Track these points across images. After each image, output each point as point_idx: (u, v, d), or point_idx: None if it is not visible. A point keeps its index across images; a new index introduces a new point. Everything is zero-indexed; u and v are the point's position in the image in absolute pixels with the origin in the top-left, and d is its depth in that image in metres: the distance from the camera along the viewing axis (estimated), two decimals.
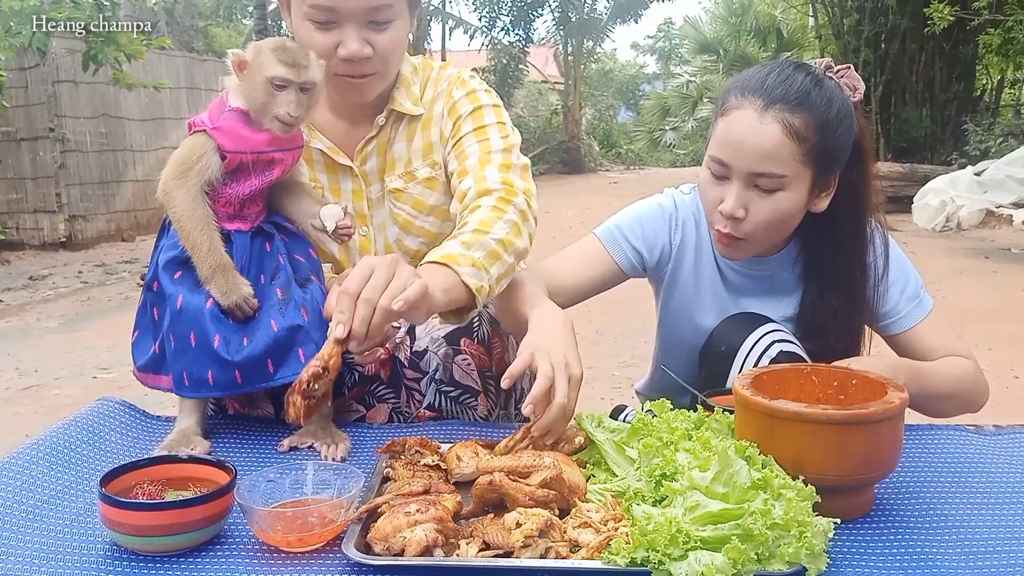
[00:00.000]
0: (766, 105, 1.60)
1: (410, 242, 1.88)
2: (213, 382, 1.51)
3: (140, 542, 1.17)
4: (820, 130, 1.60)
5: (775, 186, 1.62)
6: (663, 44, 31.16)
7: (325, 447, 1.55)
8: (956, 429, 1.65)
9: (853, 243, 1.77)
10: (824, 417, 1.22)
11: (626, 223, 1.88)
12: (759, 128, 1.59)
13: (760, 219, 1.65)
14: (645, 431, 1.39)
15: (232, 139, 1.56)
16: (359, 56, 1.66)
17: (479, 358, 1.70)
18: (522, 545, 1.13)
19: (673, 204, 1.89)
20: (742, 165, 1.62)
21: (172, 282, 1.55)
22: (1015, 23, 10.80)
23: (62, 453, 1.50)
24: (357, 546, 1.16)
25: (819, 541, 1.11)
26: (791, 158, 1.60)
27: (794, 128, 1.59)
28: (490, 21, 20.78)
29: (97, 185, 10.15)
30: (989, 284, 6.87)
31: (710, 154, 1.67)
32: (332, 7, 1.63)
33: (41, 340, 5.68)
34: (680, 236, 1.87)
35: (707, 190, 1.71)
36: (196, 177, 1.53)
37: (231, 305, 1.52)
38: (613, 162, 23.86)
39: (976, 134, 12.47)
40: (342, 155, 1.83)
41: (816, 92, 1.62)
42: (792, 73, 1.64)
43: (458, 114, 1.83)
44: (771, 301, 1.84)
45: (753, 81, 1.65)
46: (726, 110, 1.66)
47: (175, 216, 1.54)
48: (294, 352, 1.53)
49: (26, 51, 8.56)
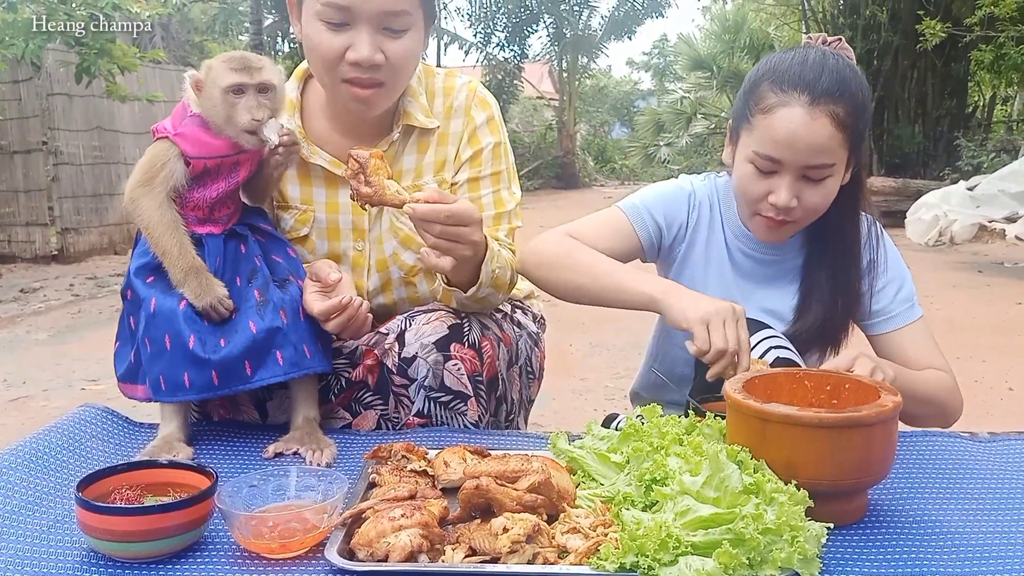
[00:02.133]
0: (813, 100, 1.60)
1: (407, 257, 1.85)
2: (190, 384, 1.49)
3: (118, 548, 1.15)
4: (858, 114, 1.63)
5: (826, 174, 1.64)
6: (658, 61, 31.36)
7: (310, 453, 1.53)
8: (950, 436, 1.63)
9: (849, 227, 1.79)
10: (817, 420, 1.20)
11: (650, 200, 1.88)
12: (810, 124, 1.60)
13: (811, 204, 1.67)
14: (635, 436, 1.37)
15: (194, 145, 1.55)
16: (370, 61, 1.62)
17: (470, 363, 1.67)
18: (509, 551, 1.11)
19: (691, 185, 1.91)
20: (795, 160, 1.62)
21: (145, 286, 1.55)
22: (1007, 39, 10.87)
23: (41, 459, 1.47)
24: (340, 552, 1.13)
25: (812, 546, 1.09)
26: (839, 147, 1.63)
27: (840, 118, 1.60)
28: (485, 37, 20.90)
29: (90, 198, 10.11)
30: (983, 297, 6.88)
31: (757, 151, 1.65)
32: (346, 6, 1.59)
33: (30, 352, 5.63)
34: (696, 216, 1.88)
35: (751, 184, 1.69)
36: (161, 184, 1.53)
37: (205, 306, 1.51)
38: (607, 177, 23.95)
39: (968, 149, 12.54)
40: (343, 167, 1.80)
41: (849, 75, 1.64)
42: (823, 60, 1.65)
43: (480, 145, 1.84)
44: (775, 289, 1.84)
45: (790, 74, 1.64)
46: (768, 108, 1.64)
47: (143, 223, 1.54)
48: (272, 354, 1.52)
49: (19, 63, 8.57)
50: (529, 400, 1.97)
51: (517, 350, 1.84)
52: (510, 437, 1.66)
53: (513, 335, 1.84)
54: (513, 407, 1.85)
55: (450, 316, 1.70)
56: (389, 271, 1.86)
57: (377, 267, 1.86)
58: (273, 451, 1.56)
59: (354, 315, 1.60)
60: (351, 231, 1.84)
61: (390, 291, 1.89)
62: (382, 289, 1.88)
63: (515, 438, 1.65)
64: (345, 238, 1.85)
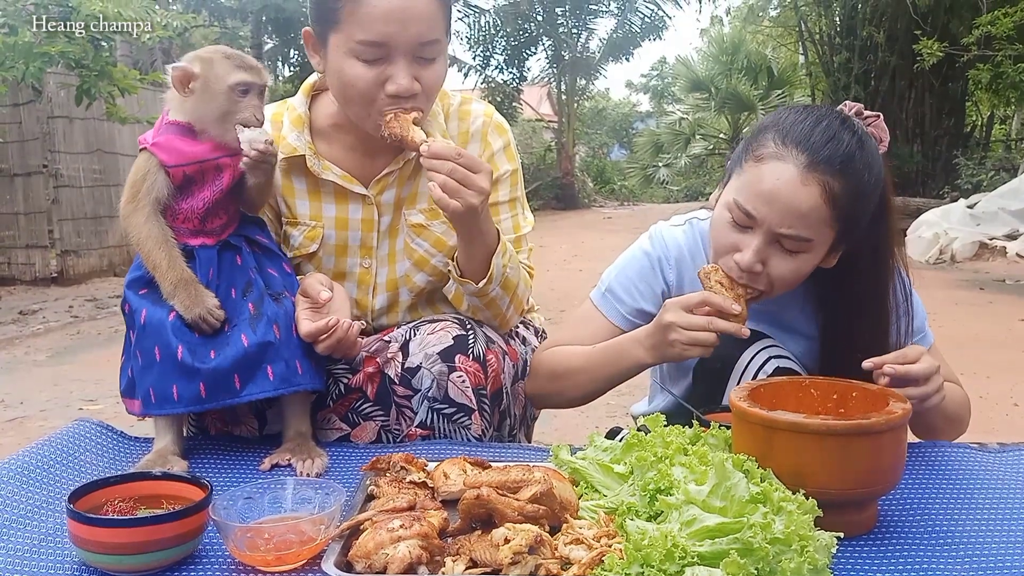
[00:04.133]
0: (810, 164, 1.48)
1: (419, 279, 1.84)
2: (178, 397, 1.47)
3: (110, 561, 1.12)
4: (856, 197, 1.51)
5: (799, 248, 1.53)
6: (656, 83, 31.53)
7: (301, 463, 1.52)
8: (960, 447, 1.61)
9: (876, 287, 1.67)
10: (824, 428, 1.18)
11: (619, 284, 1.81)
12: (798, 188, 1.48)
13: (776, 275, 1.56)
14: (639, 447, 1.34)
15: (170, 153, 1.54)
16: (410, 92, 1.62)
17: (474, 376, 1.65)
18: (510, 562, 1.08)
19: (661, 244, 1.81)
20: (770, 221, 1.51)
21: (137, 298, 1.54)
22: (1004, 59, 10.91)
23: (34, 472, 1.45)
24: (337, 564, 1.10)
25: (822, 556, 1.06)
26: (822, 223, 1.50)
27: (833, 193, 1.48)
28: (484, 60, 20.99)
29: (90, 220, 10.10)
30: (985, 314, 6.85)
31: (736, 200, 1.54)
32: (384, 42, 1.59)
33: (28, 373, 5.60)
34: (675, 273, 1.79)
35: (723, 233, 1.59)
36: (146, 197, 1.53)
37: (195, 318, 1.49)
38: (607, 198, 23.97)
39: (968, 168, 12.56)
40: (357, 184, 1.79)
41: (859, 155, 1.51)
42: (839, 130, 1.52)
43: (498, 172, 1.84)
44: (788, 335, 1.76)
45: (797, 132, 1.52)
46: (762, 157, 1.53)
47: (134, 239, 1.53)
48: (263, 369, 1.50)
49: (20, 86, 8.59)
50: (532, 417, 1.95)
51: (524, 365, 1.82)
52: (511, 449, 1.63)
53: (520, 351, 1.82)
54: (516, 422, 1.82)
55: (455, 327, 1.68)
56: (398, 292, 1.86)
57: (387, 287, 1.85)
58: (270, 463, 1.54)
59: (343, 337, 1.57)
60: (359, 248, 1.83)
61: (396, 312, 1.88)
62: (388, 309, 1.88)
63: (516, 450, 1.63)
64: (352, 254, 1.84)
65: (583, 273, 8.84)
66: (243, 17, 17.41)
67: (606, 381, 1.73)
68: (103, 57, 7.71)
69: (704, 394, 1.68)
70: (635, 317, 1.78)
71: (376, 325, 1.88)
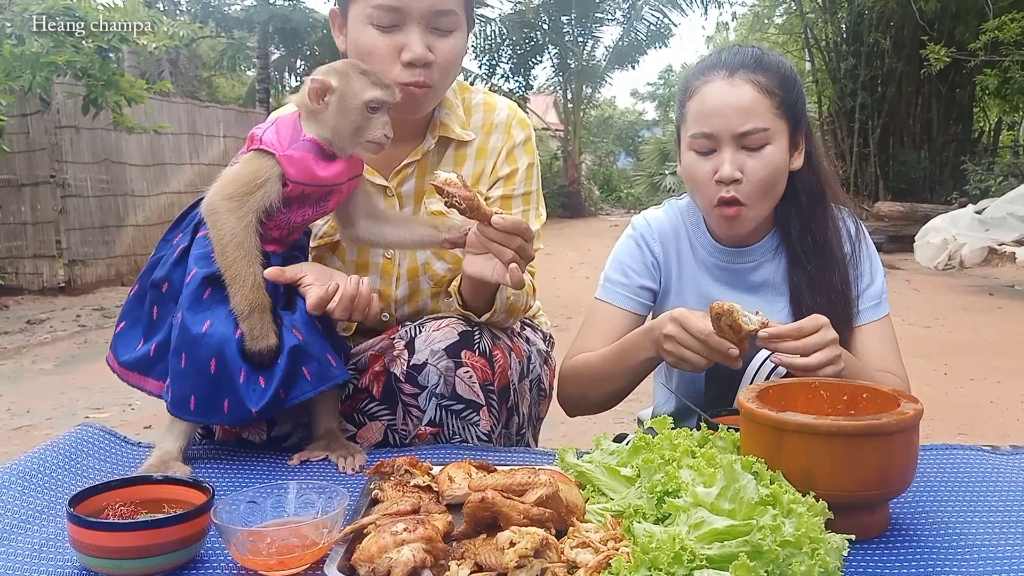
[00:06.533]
0: (730, 72, 1.69)
1: (439, 267, 1.85)
2: (228, 411, 1.45)
3: (110, 565, 1.10)
4: (783, 85, 1.70)
5: (762, 141, 1.67)
6: (663, 91, 31.55)
7: (342, 460, 1.52)
8: (972, 449, 1.59)
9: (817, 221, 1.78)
10: (835, 429, 1.16)
11: (616, 271, 1.91)
12: (732, 91, 1.67)
13: (757, 178, 1.68)
14: (646, 449, 1.33)
15: (301, 171, 1.49)
16: (423, 59, 1.64)
17: (481, 371, 1.64)
18: (516, 566, 1.06)
19: (643, 225, 1.92)
20: (727, 129, 1.66)
21: (197, 300, 1.47)
22: (1012, 64, 10.89)
23: (36, 477, 1.44)
24: (340, 568, 1.09)
25: (833, 559, 1.04)
26: (768, 111, 1.67)
27: (762, 84, 1.68)
28: (490, 68, 21.06)
29: (97, 230, 10.13)
30: (994, 320, 6.82)
31: (691, 134, 1.71)
32: (397, 6, 1.62)
33: (35, 381, 5.61)
34: (660, 248, 1.89)
35: (696, 169, 1.72)
36: (255, 203, 1.46)
37: (254, 351, 1.45)
38: (613, 206, 24.02)
39: (976, 174, 12.51)
40: (377, 175, 1.80)
41: (766, 55, 1.74)
42: (740, 47, 1.77)
43: (516, 164, 1.86)
44: (761, 297, 1.80)
45: (709, 61, 1.76)
46: (693, 91, 1.73)
47: (220, 238, 1.45)
48: (299, 372, 1.48)
49: (27, 97, 8.63)
50: (539, 417, 1.93)
51: (529, 362, 1.81)
52: (516, 453, 1.62)
53: (524, 348, 1.81)
54: (524, 420, 1.81)
55: (460, 323, 1.68)
56: (419, 280, 1.87)
57: (408, 276, 1.86)
58: (299, 459, 1.54)
59: (352, 293, 1.53)
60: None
61: (416, 301, 1.89)
62: (409, 298, 1.89)
63: (522, 454, 1.61)
64: None
65: (589, 281, 8.82)
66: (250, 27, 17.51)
67: (623, 377, 1.76)
68: (110, 67, 7.74)
69: (716, 396, 1.67)
70: (638, 296, 1.89)
71: (399, 316, 1.88)
